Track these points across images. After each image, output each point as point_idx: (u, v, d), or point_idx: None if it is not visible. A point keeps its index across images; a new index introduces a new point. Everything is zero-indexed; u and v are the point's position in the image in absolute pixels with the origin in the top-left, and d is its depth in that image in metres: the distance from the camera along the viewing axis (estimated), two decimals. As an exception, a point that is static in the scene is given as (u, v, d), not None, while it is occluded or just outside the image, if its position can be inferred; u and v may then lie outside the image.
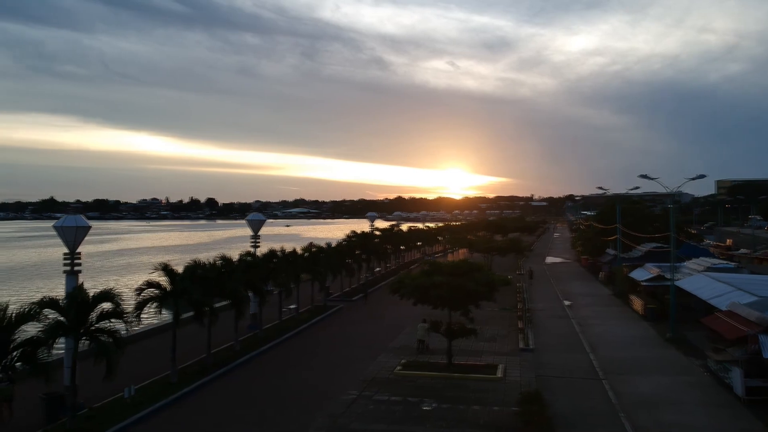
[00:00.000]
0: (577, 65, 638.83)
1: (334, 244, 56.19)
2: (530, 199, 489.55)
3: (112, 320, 22.41)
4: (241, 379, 30.43)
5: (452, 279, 29.65)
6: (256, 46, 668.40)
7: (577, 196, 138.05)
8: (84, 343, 22.53)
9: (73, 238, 24.71)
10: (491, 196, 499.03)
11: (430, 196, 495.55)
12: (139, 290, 27.93)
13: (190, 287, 28.64)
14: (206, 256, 34.60)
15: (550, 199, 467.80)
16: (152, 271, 28.73)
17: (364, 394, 27.49)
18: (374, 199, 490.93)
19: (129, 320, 22.82)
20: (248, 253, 37.81)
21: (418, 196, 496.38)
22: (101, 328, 22.31)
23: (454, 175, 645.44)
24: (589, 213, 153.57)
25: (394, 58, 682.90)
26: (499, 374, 30.51)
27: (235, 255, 37.64)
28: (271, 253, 40.00)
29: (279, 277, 38.50)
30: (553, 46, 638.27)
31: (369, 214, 78.14)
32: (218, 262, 32.43)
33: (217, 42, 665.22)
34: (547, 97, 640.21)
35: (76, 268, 25.01)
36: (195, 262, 30.60)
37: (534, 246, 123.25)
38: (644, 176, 41.22)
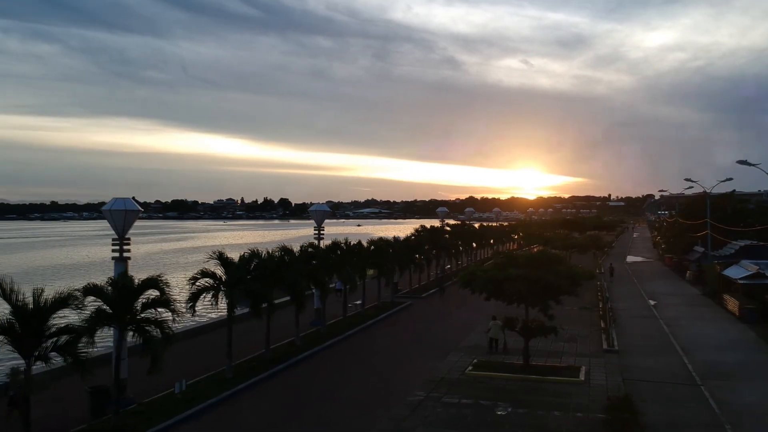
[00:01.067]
0: (655, 61, 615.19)
1: (402, 239, 53.98)
2: (607, 199, 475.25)
3: (159, 309, 20.77)
4: (300, 375, 28.58)
5: (529, 272, 26.93)
6: (329, 48, 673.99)
7: (662, 191, 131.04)
8: (133, 335, 21.09)
9: (122, 222, 23.34)
10: (566, 196, 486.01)
11: (503, 197, 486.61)
12: (193, 279, 26.40)
13: (246, 277, 26.92)
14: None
15: (627, 199, 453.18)
16: (207, 260, 27.15)
17: (432, 395, 25.13)
18: (446, 199, 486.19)
19: (176, 309, 21.08)
20: (310, 245, 35.97)
21: (490, 196, 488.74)
22: (148, 318, 20.73)
23: (528, 175, 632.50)
24: (667, 213, 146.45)
25: (466, 58, 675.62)
26: (582, 377, 27.63)
27: (297, 248, 35.92)
28: (335, 244, 38.07)
29: (342, 269, 36.49)
30: (631, 42, 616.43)
31: (440, 209, 75.51)
32: (277, 253, 30.60)
33: (291, 45, 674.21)
34: (624, 94, 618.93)
35: (125, 254, 23.61)
36: (253, 251, 28.87)
37: (614, 244, 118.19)
38: (743, 162, 37.32)
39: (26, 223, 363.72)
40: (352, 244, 40.38)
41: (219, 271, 26.86)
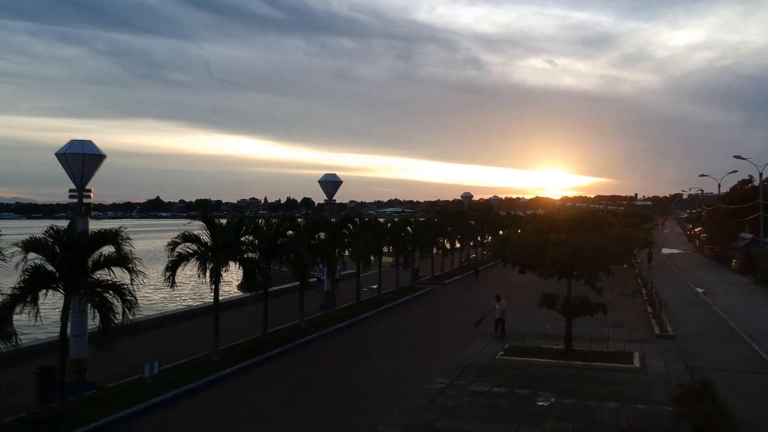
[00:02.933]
0: (682, 60, 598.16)
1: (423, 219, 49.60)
2: (633, 198, 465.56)
3: (113, 269, 16.67)
4: (301, 361, 24.39)
5: (575, 236, 22.43)
6: (352, 49, 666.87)
7: (703, 175, 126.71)
8: (81, 301, 17.03)
9: (80, 168, 19.18)
10: (591, 196, 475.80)
11: (527, 197, 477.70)
12: (173, 245, 22.25)
13: (237, 243, 22.80)
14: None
15: (654, 199, 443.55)
16: (189, 222, 22.98)
17: (457, 383, 20.77)
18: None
19: (136, 269, 16.86)
20: (318, 216, 31.66)
21: (514, 196, 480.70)
22: (102, 282, 16.64)
23: (552, 175, 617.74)
24: (694, 211, 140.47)
25: (489, 58, 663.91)
26: (637, 363, 23.11)
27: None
28: (346, 217, 33.69)
29: (354, 243, 32.09)
30: (657, 41, 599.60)
31: (464, 194, 70.95)
32: (276, 220, 26.27)
33: (314, 47, 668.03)
34: (650, 94, 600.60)
35: (84, 209, 19.48)
36: (246, 216, 24.57)
37: (652, 232, 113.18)
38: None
39: (52, 221, 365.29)
40: (366, 219, 36.05)
41: (205, 236, 22.71)
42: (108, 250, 16.85)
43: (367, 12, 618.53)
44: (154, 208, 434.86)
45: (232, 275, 43.31)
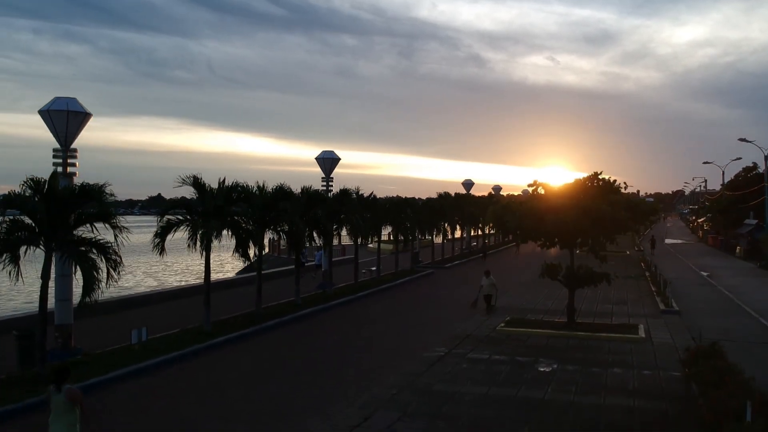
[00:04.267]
0: (685, 57, 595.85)
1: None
2: (635, 195, 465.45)
3: (96, 224, 15.94)
4: (295, 334, 23.66)
5: (578, 201, 21.67)
6: (354, 47, 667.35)
7: (707, 162, 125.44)
8: (61, 258, 16.28)
9: (64, 126, 18.40)
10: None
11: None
12: (162, 211, 21.53)
13: (229, 210, 22.07)
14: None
15: (657, 195, 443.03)
16: (179, 185, 22.09)
17: (456, 351, 20.07)
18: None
19: (119, 225, 16.10)
20: (315, 191, 30.72)
21: (515, 193, 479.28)
22: (85, 239, 15.91)
23: (554, 172, 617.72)
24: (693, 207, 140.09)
25: (491, 55, 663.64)
26: (642, 334, 22.40)
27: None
28: (344, 192, 32.83)
29: (352, 218, 31.27)
30: (659, 38, 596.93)
31: (465, 181, 70.10)
32: (270, 189, 25.35)
33: (316, 44, 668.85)
34: (652, 91, 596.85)
35: (69, 169, 18.70)
36: (236, 183, 23.45)
37: (652, 227, 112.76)
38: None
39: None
40: (364, 195, 35.14)
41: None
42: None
43: (369, 9, 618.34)
44: (155, 205, 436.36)
45: (227, 257, 42.66)
